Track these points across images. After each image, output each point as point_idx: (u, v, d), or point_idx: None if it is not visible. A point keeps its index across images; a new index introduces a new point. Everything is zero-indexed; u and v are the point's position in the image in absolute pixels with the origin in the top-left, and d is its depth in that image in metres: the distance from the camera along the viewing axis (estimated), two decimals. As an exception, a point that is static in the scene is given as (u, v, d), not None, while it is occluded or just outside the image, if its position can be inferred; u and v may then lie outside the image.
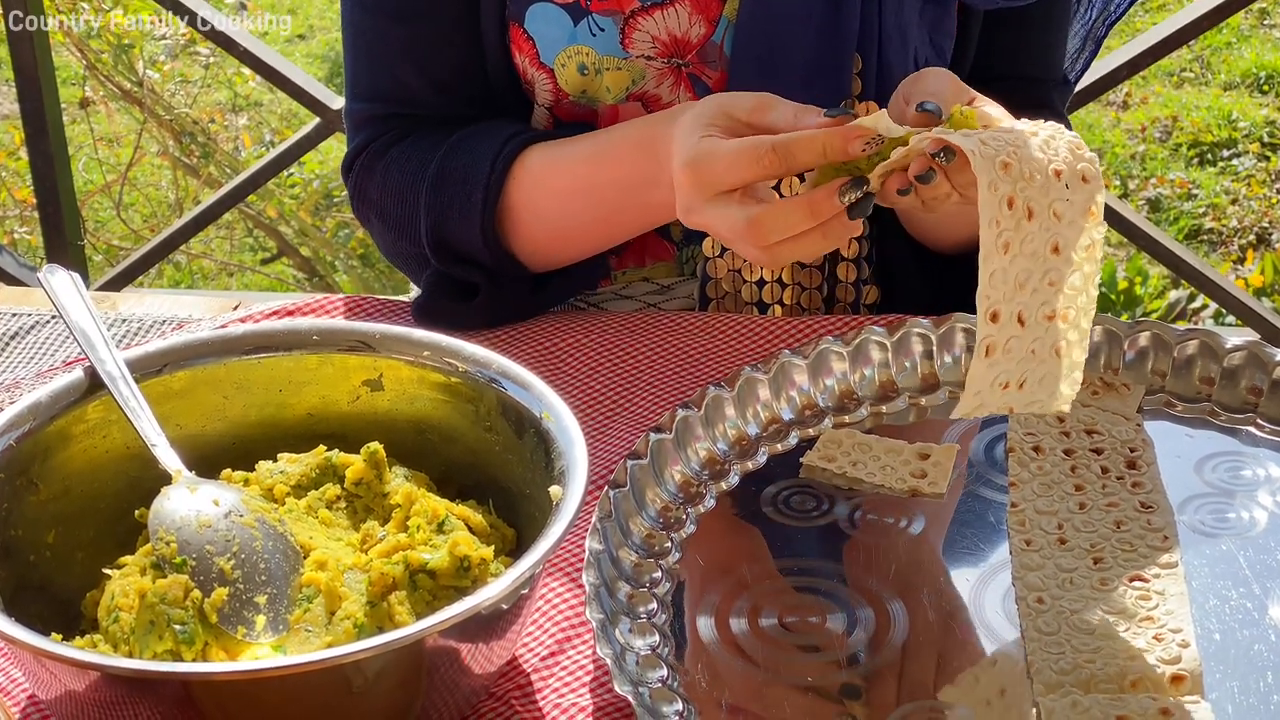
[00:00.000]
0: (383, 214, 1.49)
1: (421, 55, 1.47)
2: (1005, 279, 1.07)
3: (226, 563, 1.00)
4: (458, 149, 1.44)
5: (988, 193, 1.05)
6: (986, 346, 1.07)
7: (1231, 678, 1.04)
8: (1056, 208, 1.07)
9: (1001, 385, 1.09)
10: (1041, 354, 1.09)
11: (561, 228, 1.43)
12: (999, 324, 1.07)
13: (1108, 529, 1.16)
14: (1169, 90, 5.02)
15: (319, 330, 1.16)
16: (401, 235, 1.48)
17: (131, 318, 1.51)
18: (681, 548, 1.17)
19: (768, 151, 1.14)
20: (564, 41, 1.44)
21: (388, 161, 1.48)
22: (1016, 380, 1.09)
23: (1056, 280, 1.08)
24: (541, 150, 1.42)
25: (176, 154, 4.23)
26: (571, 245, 1.45)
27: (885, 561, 1.16)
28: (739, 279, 1.49)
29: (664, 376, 1.39)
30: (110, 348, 1.11)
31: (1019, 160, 1.06)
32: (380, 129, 1.50)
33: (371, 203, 1.50)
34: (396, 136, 1.49)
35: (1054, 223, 1.07)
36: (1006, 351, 1.08)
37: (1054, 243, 1.07)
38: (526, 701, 1.04)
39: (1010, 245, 1.06)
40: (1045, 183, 1.07)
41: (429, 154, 1.45)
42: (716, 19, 1.44)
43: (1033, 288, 1.07)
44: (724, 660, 1.07)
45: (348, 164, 1.52)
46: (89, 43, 4.15)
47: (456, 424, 1.14)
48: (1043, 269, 1.07)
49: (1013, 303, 1.07)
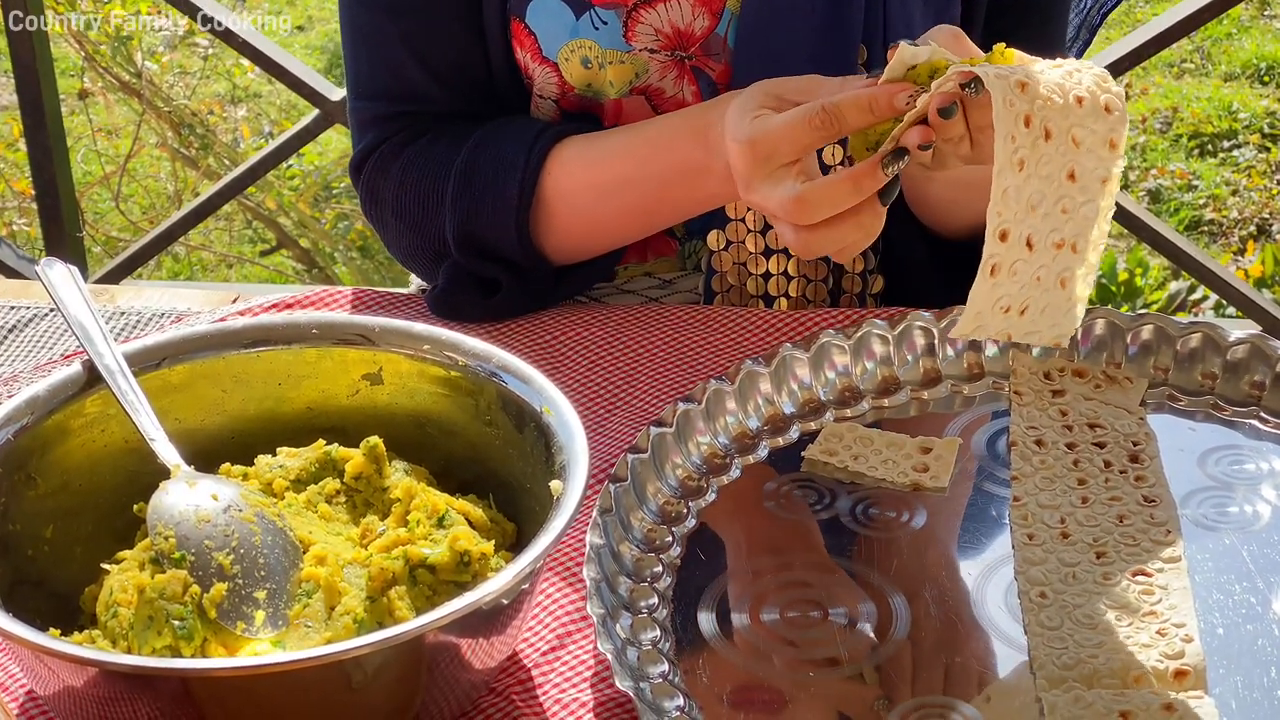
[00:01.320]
0: (400, 213, 1.47)
1: (422, 50, 1.46)
2: (1018, 198, 1.06)
3: (225, 558, 1.00)
4: (486, 143, 1.43)
5: (1004, 108, 1.05)
6: (992, 266, 1.07)
7: (1235, 672, 1.04)
8: (1076, 133, 1.07)
9: (1003, 309, 1.09)
10: (1046, 282, 1.09)
11: (599, 221, 1.43)
12: (1007, 244, 1.07)
13: (1111, 523, 1.16)
14: (1169, 81, 5.02)
15: (318, 324, 1.16)
16: (421, 234, 1.46)
17: (130, 311, 1.50)
18: (683, 542, 1.16)
19: (818, 113, 1.15)
20: (566, 36, 1.43)
21: (405, 161, 1.46)
22: (1018, 305, 1.09)
23: (1070, 208, 1.07)
24: (578, 144, 1.42)
25: (175, 145, 4.22)
26: (606, 238, 1.46)
27: (887, 556, 1.15)
28: (744, 271, 1.49)
29: (665, 370, 1.38)
30: (109, 341, 1.11)
31: (1037, 81, 1.06)
32: (389, 128, 1.49)
33: (386, 203, 1.48)
34: (410, 136, 1.48)
35: (1072, 148, 1.07)
36: (1012, 273, 1.07)
37: (1070, 168, 1.07)
38: (527, 697, 1.04)
39: (1025, 163, 1.06)
40: (1065, 106, 1.06)
41: (452, 150, 1.44)
42: (720, 11, 1.43)
43: (1044, 211, 1.07)
44: (725, 655, 1.06)
45: (357, 164, 1.50)
46: (87, 34, 4.14)
47: (457, 418, 1.14)
48: (1056, 194, 1.07)
49: (1023, 224, 1.07)
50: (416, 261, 1.51)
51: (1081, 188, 1.08)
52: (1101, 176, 1.08)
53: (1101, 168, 1.08)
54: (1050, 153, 1.06)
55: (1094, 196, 1.08)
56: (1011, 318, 1.10)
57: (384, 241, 1.54)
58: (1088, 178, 1.08)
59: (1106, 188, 1.09)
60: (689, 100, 1.46)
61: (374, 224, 1.53)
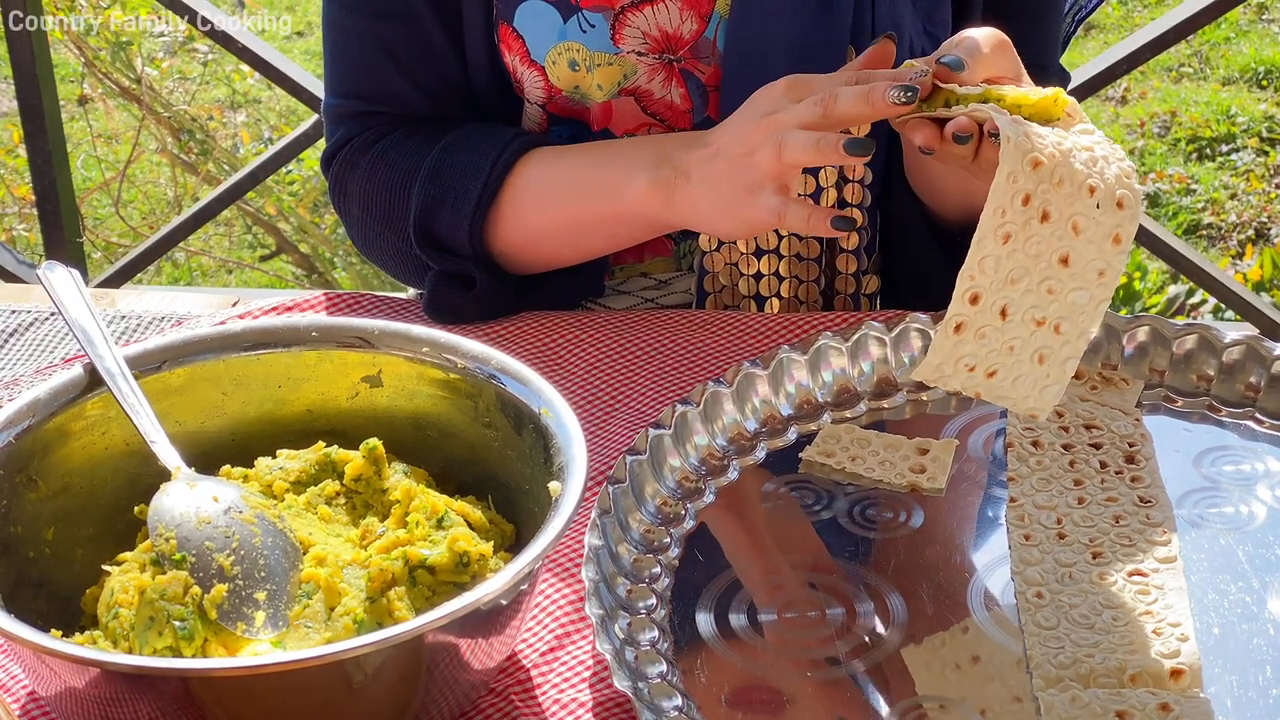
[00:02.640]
0: (366, 206, 1.49)
1: (400, 54, 1.48)
2: (997, 268, 1.06)
3: (226, 559, 1.00)
4: (457, 145, 1.45)
5: (1005, 182, 1.04)
6: (957, 324, 1.07)
7: (1230, 671, 1.04)
8: (1079, 220, 1.05)
9: (967, 367, 1.09)
10: (1020, 354, 1.08)
11: (544, 239, 1.45)
12: (977, 308, 1.07)
13: (1107, 523, 1.16)
14: (1168, 85, 5.02)
15: (318, 326, 1.16)
16: (387, 228, 1.48)
17: (130, 314, 1.51)
18: (681, 543, 1.17)
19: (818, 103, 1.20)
20: (554, 39, 1.44)
21: (375, 155, 1.48)
22: (985, 368, 1.09)
23: (1057, 290, 1.07)
24: (541, 159, 1.44)
25: (175, 151, 4.23)
26: (548, 258, 1.48)
27: (884, 556, 1.16)
28: (736, 272, 1.49)
29: (663, 372, 1.39)
30: (109, 344, 1.11)
31: (1054, 164, 1.05)
32: (361, 125, 1.51)
33: (353, 196, 1.50)
34: (381, 133, 1.50)
35: (1070, 234, 1.06)
36: (979, 336, 1.07)
37: (1064, 253, 1.06)
38: (526, 697, 1.04)
39: (1012, 238, 1.05)
40: (1073, 193, 1.05)
41: (424, 147, 1.46)
42: (708, 14, 1.44)
43: (1026, 287, 1.06)
44: (723, 655, 1.07)
45: (328, 158, 1.53)
46: (87, 40, 4.15)
47: (455, 420, 1.14)
48: (1043, 274, 1.06)
49: (999, 293, 1.06)
50: (381, 254, 1.52)
51: (1073, 274, 1.06)
52: (1099, 268, 1.07)
53: (1101, 259, 1.06)
54: (1044, 234, 1.05)
55: (1086, 285, 1.07)
56: (977, 377, 1.09)
57: (349, 234, 1.56)
58: (1082, 266, 1.06)
59: (1103, 279, 1.07)
60: (677, 102, 1.46)
61: (340, 215, 1.55)
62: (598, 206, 1.40)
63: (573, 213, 1.41)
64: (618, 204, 1.38)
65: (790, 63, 1.40)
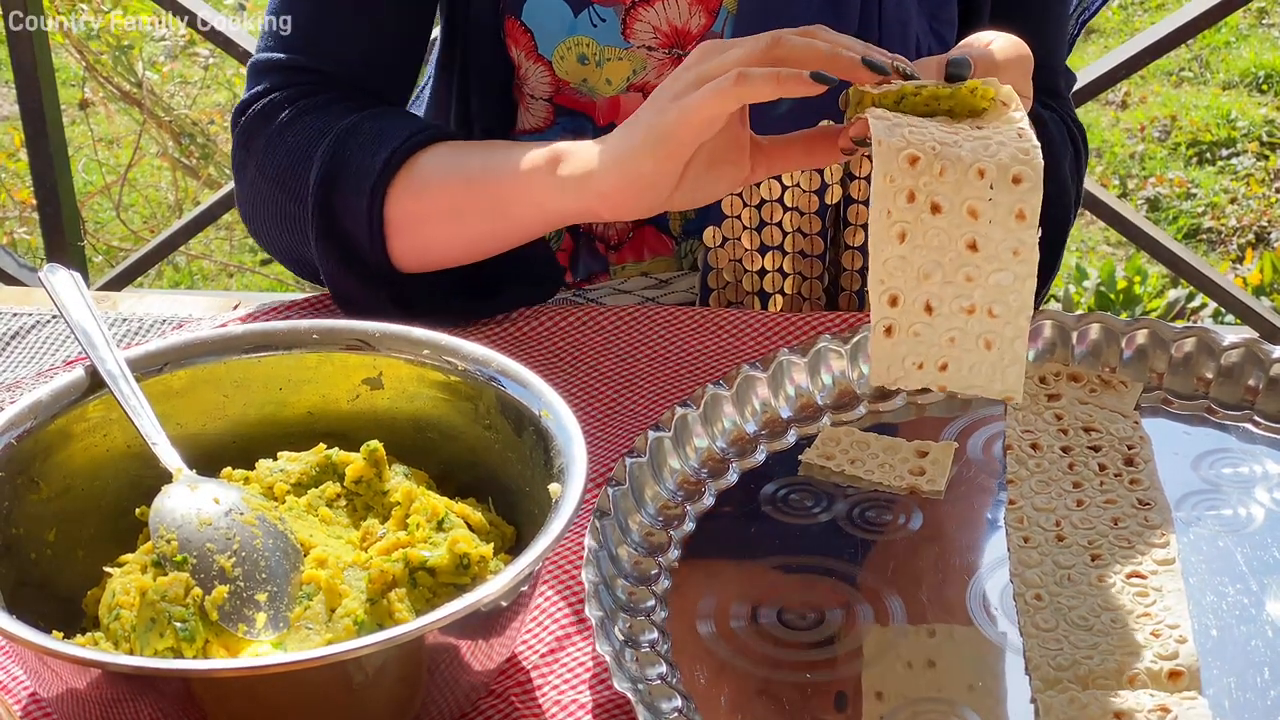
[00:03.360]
0: (263, 167, 1.40)
1: (354, 14, 1.43)
2: (905, 266, 1.06)
3: (227, 560, 1.01)
4: (378, 116, 1.39)
5: (884, 183, 1.04)
6: (885, 327, 1.07)
7: (1229, 673, 1.05)
8: (974, 205, 1.05)
9: (915, 365, 1.08)
10: (964, 343, 1.08)
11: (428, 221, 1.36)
12: (899, 308, 1.07)
13: (1105, 526, 1.16)
14: (1168, 90, 5.02)
15: (319, 329, 1.17)
16: (281, 188, 1.39)
17: (132, 317, 1.51)
18: (680, 545, 1.17)
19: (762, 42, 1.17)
20: (564, 33, 1.44)
21: (296, 111, 1.40)
22: (934, 363, 1.08)
23: (975, 277, 1.06)
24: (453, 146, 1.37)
25: (176, 155, 4.23)
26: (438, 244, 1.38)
27: (884, 558, 1.16)
28: (740, 269, 1.50)
29: (662, 374, 1.39)
30: (111, 346, 1.11)
31: (932, 155, 1.05)
32: (287, 79, 1.43)
33: (255, 152, 1.41)
34: (307, 91, 1.42)
35: (969, 220, 1.06)
36: (914, 335, 1.07)
37: (969, 239, 1.06)
38: (526, 698, 1.05)
39: (908, 235, 1.05)
40: (960, 179, 1.05)
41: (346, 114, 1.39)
42: (716, 9, 1.44)
43: (942, 279, 1.06)
44: (723, 656, 1.07)
45: (241, 109, 1.44)
46: (88, 44, 4.15)
47: (456, 422, 1.14)
48: (956, 263, 1.06)
49: (917, 290, 1.06)
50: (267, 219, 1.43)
51: (987, 257, 1.06)
52: (1012, 247, 1.06)
53: (1010, 238, 1.06)
54: (941, 225, 1.05)
55: (1005, 265, 1.06)
56: (930, 373, 1.09)
57: (239, 202, 1.47)
58: (994, 248, 1.06)
59: (1020, 257, 1.06)
60: None
61: (236, 171, 1.46)
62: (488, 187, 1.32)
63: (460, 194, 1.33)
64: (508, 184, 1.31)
65: None
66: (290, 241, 1.42)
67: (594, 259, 1.57)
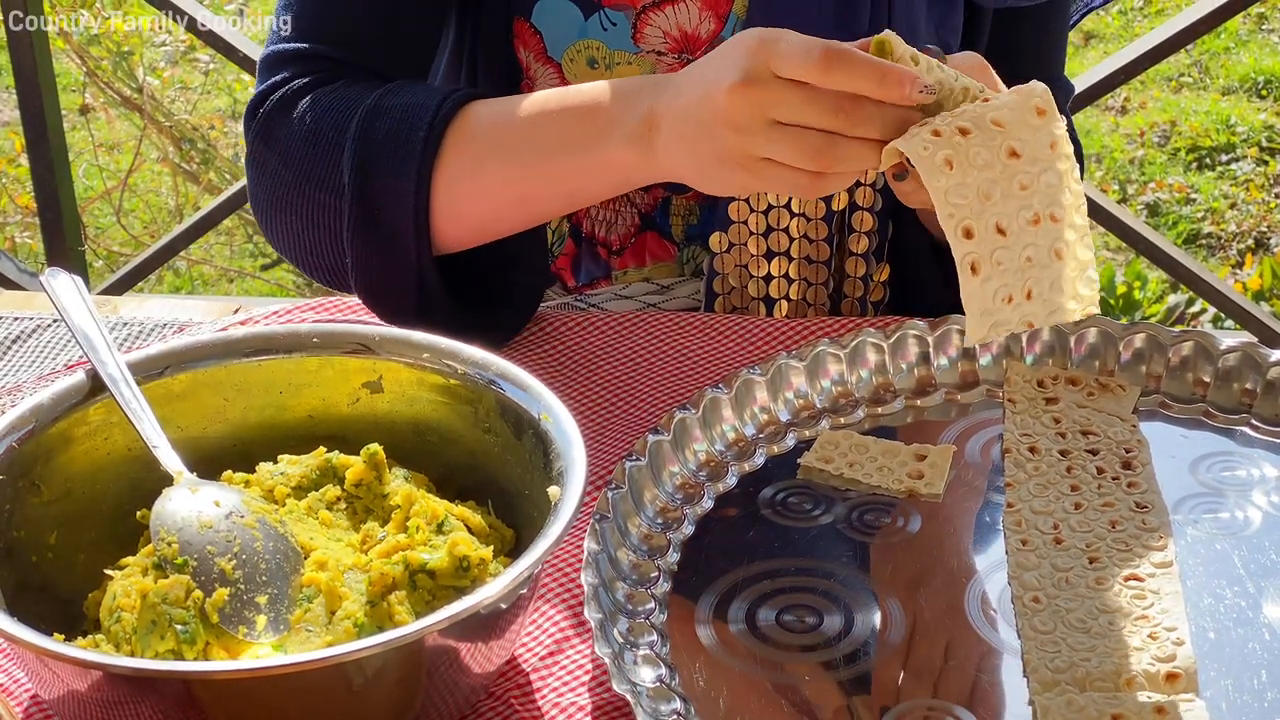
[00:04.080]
0: (286, 157, 1.36)
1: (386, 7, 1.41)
2: (964, 193, 1.06)
3: (227, 563, 1.01)
4: (397, 90, 1.35)
5: (919, 150, 1.07)
6: (971, 264, 1.07)
7: (1226, 676, 1.05)
8: (995, 116, 1.07)
9: (1005, 300, 1.08)
10: (1040, 259, 1.08)
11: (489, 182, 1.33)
12: (976, 239, 1.06)
13: (1103, 529, 1.17)
14: (1167, 95, 5.03)
15: (319, 333, 1.17)
16: (309, 180, 1.35)
17: (133, 321, 1.52)
18: (679, 548, 1.17)
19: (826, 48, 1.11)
20: (574, 36, 1.44)
21: (314, 99, 1.36)
22: (1021, 291, 1.08)
23: (1028, 183, 1.07)
24: (489, 103, 1.34)
25: (176, 160, 4.24)
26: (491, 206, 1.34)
27: (882, 561, 1.16)
28: (745, 274, 1.50)
29: (662, 378, 1.39)
30: (112, 350, 1.12)
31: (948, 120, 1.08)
32: (306, 67, 1.39)
33: (277, 143, 1.37)
34: (324, 79, 1.38)
35: (997, 130, 1.07)
36: (996, 264, 1.07)
37: (1008, 147, 1.07)
38: (525, 701, 1.05)
39: (954, 161, 1.06)
40: (971, 109, 1.08)
41: (363, 94, 1.35)
42: (726, 15, 1.44)
43: (1003, 193, 1.07)
44: (722, 659, 1.07)
45: (258, 102, 1.39)
46: (89, 49, 4.16)
47: (456, 425, 1.15)
48: (1007, 176, 1.07)
49: (984, 215, 1.06)
50: (282, 214, 1.38)
51: (1030, 159, 1.07)
52: (1047, 142, 1.08)
53: (1042, 134, 1.08)
54: (976, 142, 1.07)
55: (1048, 163, 1.07)
56: (1020, 307, 1.08)
57: (254, 200, 1.41)
58: (1032, 149, 1.07)
59: (1057, 150, 1.08)
60: None
61: (255, 168, 1.40)
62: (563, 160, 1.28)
63: (530, 167, 1.30)
64: (592, 158, 1.27)
65: None
66: (316, 236, 1.37)
67: (596, 264, 1.57)
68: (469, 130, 1.32)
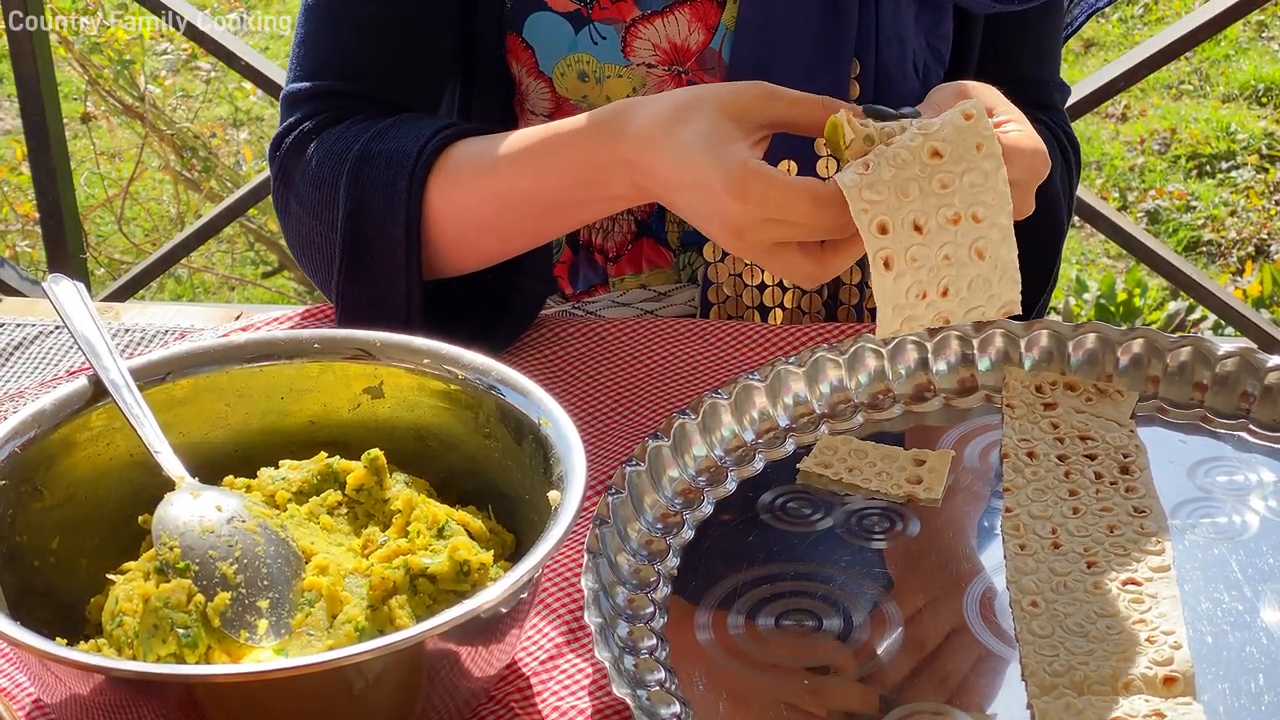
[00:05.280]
0: (302, 199, 1.39)
1: (388, 29, 1.42)
2: (879, 190, 1.07)
3: (229, 567, 1.01)
4: (385, 134, 1.37)
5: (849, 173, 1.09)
6: (884, 260, 1.08)
7: (1223, 679, 1.05)
8: (923, 125, 1.09)
9: (919, 296, 1.09)
10: (959, 257, 1.09)
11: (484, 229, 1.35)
12: (891, 234, 1.07)
13: (1101, 533, 1.17)
14: (1167, 102, 5.04)
15: (320, 339, 1.17)
16: (319, 220, 1.38)
17: (135, 327, 1.52)
18: (679, 553, 1.18)
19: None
20: (564, 50, 1.45)
21: (322, 140, 1.39)
22: (937, 288, 1.09)
23: (949, 182, 1.08)
24: (472, 145, 1.34)
25: (178, 168, 4.24)
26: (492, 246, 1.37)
27: (881, 566, 1.17)
28: (740, 282, 1.50)
29: (662, 384, 1.40)
30: (114, 356, 1.12)
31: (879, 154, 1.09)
32: (321, 106, 1.42)
33: (294, 185, 1.40)
34: (334, 118, 1.41)
35: (923, 136, 1.08)
36: (910, 260, 1.08)
37: (929, 148, 1.08)
38: (526, 704, 1.05)
39: (870, 164, 1.08)
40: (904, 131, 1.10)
41: (358, 136, 1.37)
42: (715, 26, 1.45)
43: (920, 192, 1.08)
44: (722, 663, 1.08)
45: (276, 144, 1.43)
46: (91, 58, 4.17)
47: (456, 430, 1.15)
48: (926, 174, 1.08)
49: (900, 211, 1.07)
50: (310, 254, 1.41)
51: (954, 159, 1.08)
52: (973, 143, 1.08)
53: (969, 136, 1.08)
54: (898, 145, 1.08)
55: (973, 163, 1.08)
56: (934, 303, 1.10)
57: (286, 235, 1.45)
58: (955, 148, 1.08)
59: (984, 150, 1.08)
60: None
61: (279, 211, 1.44)
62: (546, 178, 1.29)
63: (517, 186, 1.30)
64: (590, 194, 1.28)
65: (795, 75, 1.42)
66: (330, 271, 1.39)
67: (593, 270, 1.58)
68: (452, 171, 1.33)
